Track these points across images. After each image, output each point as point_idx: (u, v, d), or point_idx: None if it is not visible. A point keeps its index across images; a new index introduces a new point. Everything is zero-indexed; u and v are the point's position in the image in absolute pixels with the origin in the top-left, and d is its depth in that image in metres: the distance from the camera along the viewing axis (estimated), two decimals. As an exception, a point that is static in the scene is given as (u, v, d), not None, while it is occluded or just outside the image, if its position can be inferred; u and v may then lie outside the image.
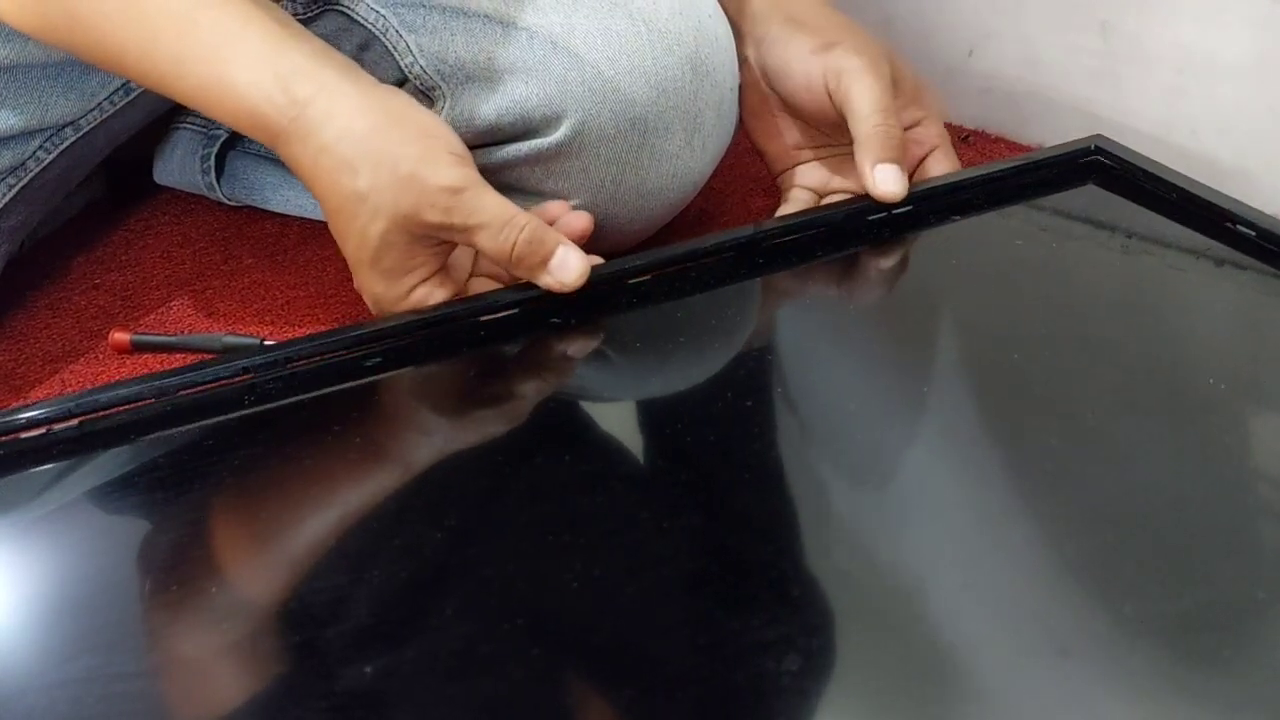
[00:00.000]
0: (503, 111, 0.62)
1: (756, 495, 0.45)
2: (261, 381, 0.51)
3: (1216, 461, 0.46)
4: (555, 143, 0.62)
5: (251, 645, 0.39)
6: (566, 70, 0.61)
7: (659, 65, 0.61)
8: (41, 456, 0.48)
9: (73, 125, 0.67)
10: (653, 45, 0.61)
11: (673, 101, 0.62)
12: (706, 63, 0.63)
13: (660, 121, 0.62)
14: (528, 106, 0.62)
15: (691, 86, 0.62)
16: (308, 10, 0.68)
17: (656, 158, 0.63)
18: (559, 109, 0.61)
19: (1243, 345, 0.54)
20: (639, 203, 0.65)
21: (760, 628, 0.38)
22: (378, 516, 0.45)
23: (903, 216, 0.61)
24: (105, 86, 0.66)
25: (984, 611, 0.39)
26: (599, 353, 0.54)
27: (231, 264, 0.75)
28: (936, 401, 0.50)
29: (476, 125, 0.63)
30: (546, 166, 0.64)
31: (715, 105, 0.64)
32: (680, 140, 0.63)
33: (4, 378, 0.65)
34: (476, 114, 0.63)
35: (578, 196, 0.64)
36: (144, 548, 0.45)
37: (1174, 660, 0.37)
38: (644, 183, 0.64)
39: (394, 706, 0.36)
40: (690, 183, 0.66)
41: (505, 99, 0.62)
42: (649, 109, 0.62)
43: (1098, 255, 0.61)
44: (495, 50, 0.62)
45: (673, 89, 0.62)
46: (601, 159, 0.63)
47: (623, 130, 0.62)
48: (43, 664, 0.39)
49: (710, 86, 0.63)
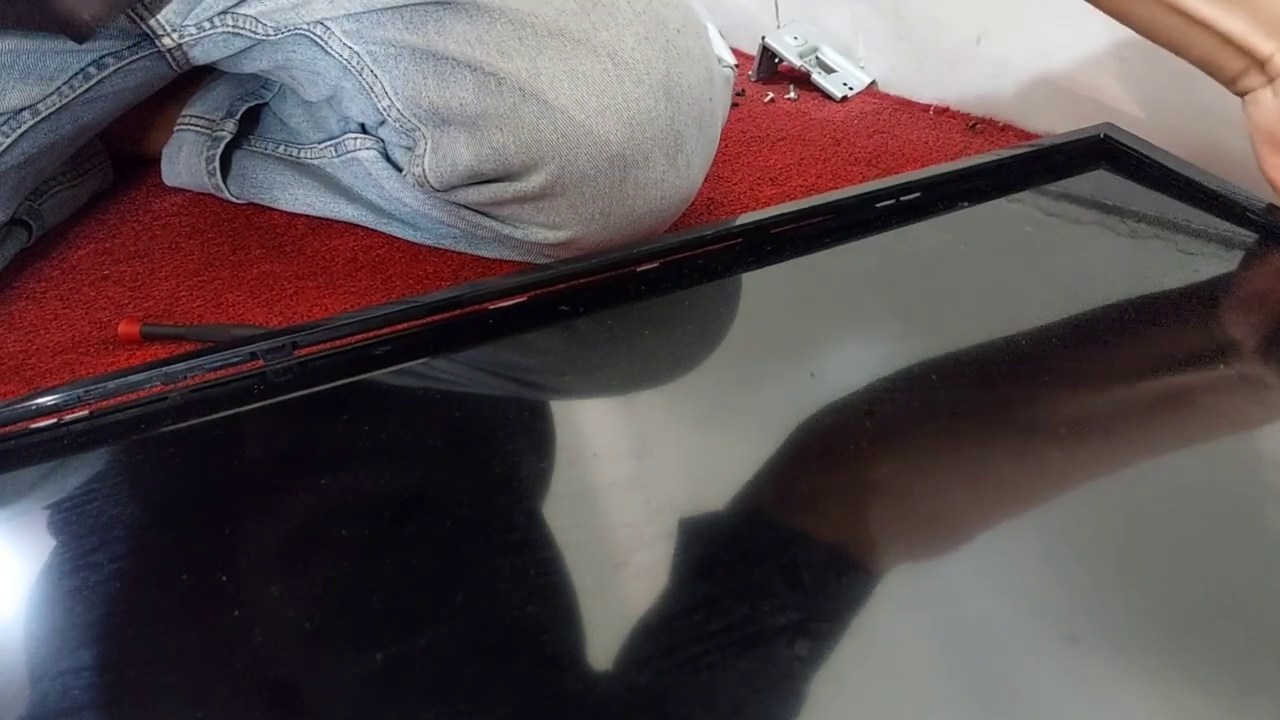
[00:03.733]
0: (483, 158, 0.62)
1: (766, 481, 0.45)
2: (270, 369, 0.51)
3: (1226, 448, 0.46)
4: (537, 187, 0.62)
5: (261, 634, 0.39)
6: (538, 119, 0.60)
7: (629, 99, 0.60)
8: (52, 447, 0.48)
9: (30, 109, 0.66)
10: (621, 80, 0.60)
11: (649, 133, 0.61)
12: (679, 83, 0.62)
13: (639, 154, 0.61)
14: (506, 154, 0.61)
15: (667, 114, 0.62)
16: (279, 33, 0.67)
17: (641, 187, 0.63)
18: (535, 157, 0.61)
19: (1252, 331, 0.53)
20: (631, 226, 0.65)
21: (771, 613, 0.38)
22: (387, 505, 0.45)
23: (911, 203, 0.60)
24: (64, 71, 0.66)
25: (994, 598, 0.39)
26: (607, 340, 0.54)
27: (240, 255, 0.75)
28: (946, 387, 0.50)
29: (460, 169, 0.63)
30: (535, 204, 0.63)
31: (695, 122, 0.64)
32: (662, 166, 0.63)
33: (15, 369, 0.65)
34: (458, 158, 0.63)
35: (569, 228, 0.64)
36: (151, 539, 0.45)
37: (1184, 648, 0.37)
38: (632, 211, 0.64)
39: (405, 693, 0.36)
40: (680, 199, 0.66)
41: (484, 145, 0.61)
42: (625, 145, 0.61)
43: (1106, 241, 0.61)
44: (466, 96, 0.61)
45: (647, 121, 0.61)
46: (586, 197, 0.62)
47: (601, 170, 0.61)
48: (46, 654, 0.40)
49: (687, 106, 0.63)
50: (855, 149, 0.85)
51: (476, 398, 0.52)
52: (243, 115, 0.80)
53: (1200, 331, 0.54)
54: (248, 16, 0.66)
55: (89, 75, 0.66)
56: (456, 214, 0.68)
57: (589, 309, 0.55)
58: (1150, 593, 0.39)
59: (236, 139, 0.80)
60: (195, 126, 0.82)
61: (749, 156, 0.84)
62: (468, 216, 0.67)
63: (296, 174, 0.78)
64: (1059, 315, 0.55)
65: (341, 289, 0.70)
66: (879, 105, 0.93)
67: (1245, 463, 0.45)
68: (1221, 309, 0.55)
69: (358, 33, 0.64)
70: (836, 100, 0.95)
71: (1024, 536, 0.42)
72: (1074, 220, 0.63)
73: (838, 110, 0.93)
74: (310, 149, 0.76)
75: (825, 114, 0.93)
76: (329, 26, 0.65)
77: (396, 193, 0.70)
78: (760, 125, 0.89)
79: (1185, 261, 0.58)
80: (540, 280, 0.55)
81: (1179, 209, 0.60)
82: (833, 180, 0.81)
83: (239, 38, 0.67)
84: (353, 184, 0.75)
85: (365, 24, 0.64)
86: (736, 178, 0.81)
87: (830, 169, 0.82)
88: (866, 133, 0.88)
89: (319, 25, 0.65)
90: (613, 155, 0.61)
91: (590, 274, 0.56)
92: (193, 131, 0.82)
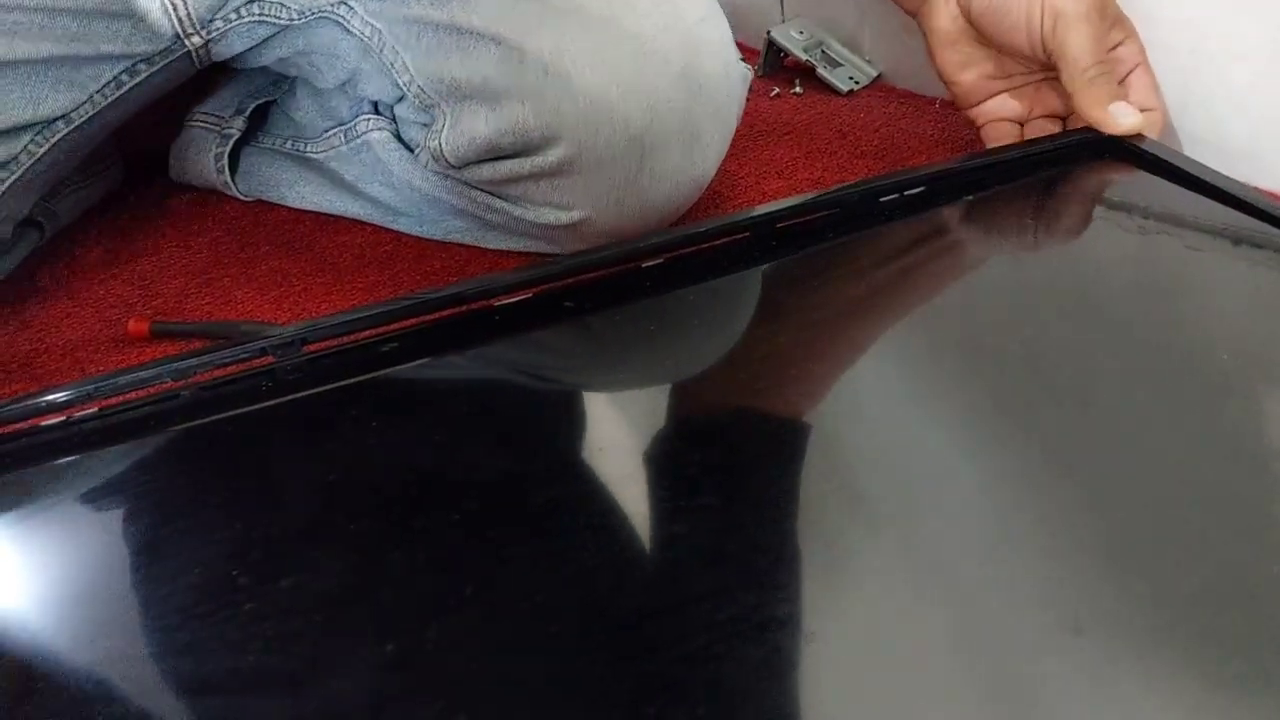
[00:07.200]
0: (502, 132, 0.62)
1: (772, 475, 0.45)
2: (280, 366, 0.51)
3: (1230, 439, 0.46)
4: (554, 162, 0.62)
5: (272, 629, 0.40)
6: (560, 96, 0.60)
7: (651, 85, 0.61)
8: (63, 444, 0.49)
9: (64, 119, 0.67)
10: (644, 65, 0.61)
11: (668, 121, 0.62)
12: (699, 74, 0.62)
13: (658, 140, 0.62)
14: (525, 128, 0.61)
15: (685, 103, 0.62)
16: (303, 17, 0.68)
17: (656, 175, 0.63)
18: (555, 133, 0.61)
19: (1257, 325, 0.53)
20: (644, 212, 0.65)
21: (777, 603, 0.38)
22: (397, 500, 0.45)
23: (916, 197, 0.61)
24: (97, 80, 0.67)
25: (998, 589, 0.39)
26: (613, 336, 0.55)
27: (249, 252, 0.75)
28: (951, 381, 0.50)
29: (478, 143, 0.63)
30: (550, 181, 0.64)
31: (712, 114, 0.64)
32: (678, 155, 0.63)
33: (24, 367, 0.65)
34: (477, 133, 0.63)
35: (582, 209, 0.64)
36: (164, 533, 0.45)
37: (1188, 637, 0.37)
38: (646, 197, 0.64)
39: (415, 683, 0.37)
40: (694, 189, 0.66)
41: (504, 120, 0.62)
42: (645, 130, 0.61)
43: (1112, 235, 0.61)
44: (489, 71, 0.62)
45: (666, 109, 0.61)
46: (602, 178, 0.63)
47: (620, 152, 0.62)
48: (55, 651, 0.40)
49: (705, 98, 0.63)
50: (861, 143, 0.85)
51: (483, 393, 0.52)
52: (251, 113, 0.81)
53: (1205, 325, 0.54)
54: (273, 3, 0.67)
55: (121, 83, 0.68)
56: (467, 196, 0.68)
57: (595, 305, 0.55)
58: (1153, 583, 0.39)
59: (245, 136, 0.81)
60: (204, 124, 0.82)
61: (755, 150, 0.84)
62: (478, 198, 0.68)
63: (303, 170, 0.79)
64: (1064, 308, 0.55)
65: (349, 285, 0.71)
66: (885, 99, 0.93)
67: (1250, 455, 0.45)
68: (1226, 302, 0.55)
69: (380, 11, 0.66)
70: (842, 94, 0.95)
71: (1027, 527, 0.42)
72: (1080, 214, 0.63)
73: (843, 104, 0.93)
74: (318, 142, 0.76)
75: (831, 108, 0.92)
76: (352, 6, 0.66)
77: (406, 175, 0.70)
78: (766, 119, 0.89)
79: (1190, 256, 0.58)
80: (546, 276, 0.55)
81: (1185, 204, 0.60)
82: (839, 174, 0.81)
83: (264, 25, 0.68)
84: (360, 176, 0.75)
85: (389, 2, 0.65)
86: (743, 171, 0.81)
87: (836, 163, 0.82)
88: (873, 126, 0.88)
89: (342, 5, 0.67)
90: (632, 137, 0.61)
91: (595, 269, 0.56)
92: (201, 129, 0.82)
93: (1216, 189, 0.60)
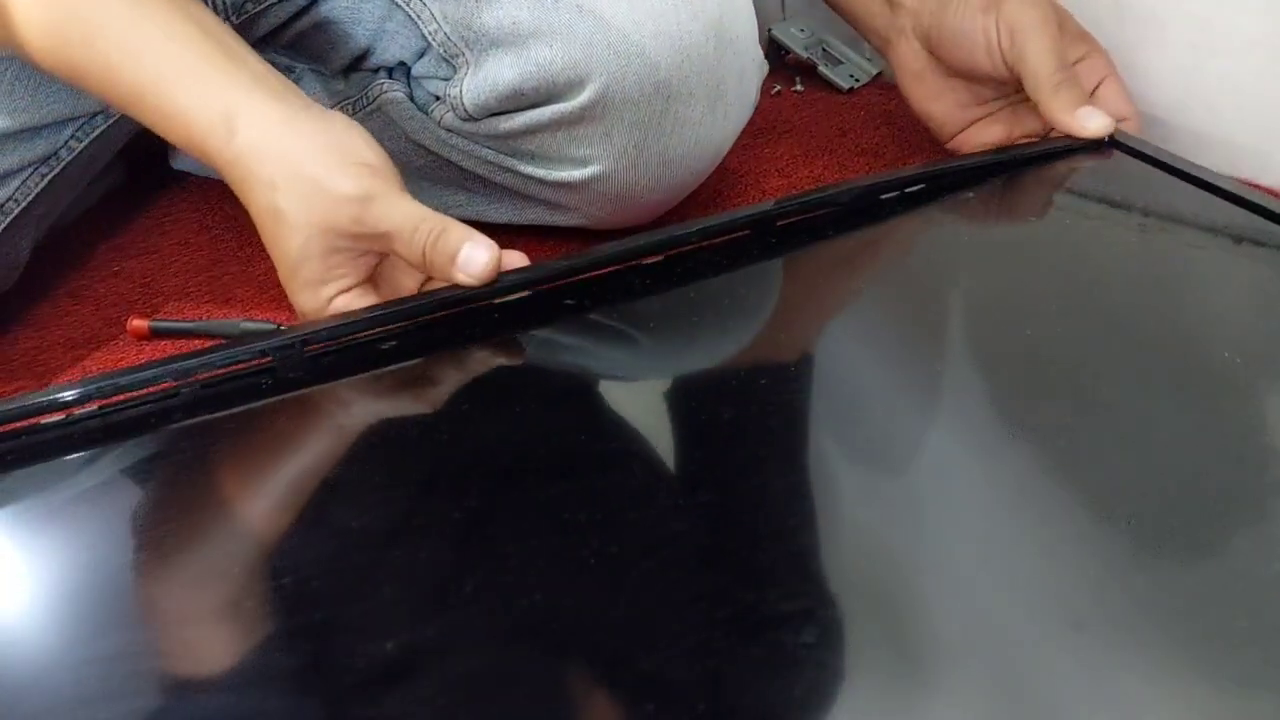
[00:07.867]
0: (526, 75, 0.62)
1: (773, 472, 0.45)
2: (279, 364, 0.51)
3: (1232, 437, 0.46)
4: (579, 106, 0.62)
5: (272, 627, 0.40)
6: (591, 33, 0.61)
7: (683, 30, 0.62)
8: (64, 442, 0.49)
9: (104, 112, 0.67)
10: (678, 10, 0.62)
11: (696, 68, 0.62)
12: (729, 30, 0.63)
13: (684, 87, 0.62)
14: (552, 70, 0.62)
15: (715, 53, 0.63)
16: None
17: (679, 124, 0.64)
18: (583, 72, 0.62)
19: (1259, 322, 0.53)
20: (661, 170, 0.65)
21: (777, 601, 0.38)
22: (396, 498, 0.45)
23: (916, 194, 0.60)
24: None
25: (999, 585, 0.39)
26: (613, 334, 0.55)
27: (249, 251, 0.75)
28: (952, 378, 0.50)
29: (500, 90, 0.63)
30: (569, 131, 0.64)
31: (737, 74, 0.65)
32: (703, 107, 0.64)
33: (26, 365, 0.66)
34: (500, 79, 0.63)
35: (600, 163, 0.64)
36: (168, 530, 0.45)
37: (1188, 634, 0.37)
38: (666, 150, 0.64)
39: (417, 679, 0.37)
40: (712, 151, 0.67)
41: (529, 63, 0.62)
42: (673, 74, 0.62)
43: (1114, 234, 0.61)
44: (520, 15, 0.62)
45: (696, 55, 0.62)
46: (625, 123, 0.63)
47: (646, 95, 0.62)
48: (57, 649, 0.40)
49: (733, 55, 0.64)
50: (862, 140, 0.85)
51: (483, 391, 0.52)
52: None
53: (1207, 322, 0.54)
54: None
55: None
56: (477, 156, 0.68)
57: (595, 303, 0.55)
58: (1154, 580, 0.39)
59: None
60: None
61: (755, 148, 0.84)
62: (489, 157, 0.68)
63: None
64: (1064, 306, 0.55)
65: (350, 284, 0.70)
66: (886, 97, 0.93)
67: (1251, 452, 0.45)
68: (1227, 300, 0.55)
69: None
70: (843, 92, 0.95)
71: (1029, 524, 0.42)
72: (1079, 213, 0.63)
73: (844, 102, 0.93)
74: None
75: (831, 105, 0.92)
76: None
77: (417, 135, 0.70)
78: (766, 117, 0.89)
79: (1192, 253, 0.58)
80: (546, 275, 0.55)
81: (1186, 201, 0.60)
82: (840, 171, 0.81)
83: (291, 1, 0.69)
84: None
85: None
86: (743, 169, 0.81)
87: (837, 160, 0.82)
88: (873, 124, 0.88)
89: None
90: (659, 81, 0.62)
91: (595, 267, 0.56)
92: None
93: (1217, 186, 0.60)
